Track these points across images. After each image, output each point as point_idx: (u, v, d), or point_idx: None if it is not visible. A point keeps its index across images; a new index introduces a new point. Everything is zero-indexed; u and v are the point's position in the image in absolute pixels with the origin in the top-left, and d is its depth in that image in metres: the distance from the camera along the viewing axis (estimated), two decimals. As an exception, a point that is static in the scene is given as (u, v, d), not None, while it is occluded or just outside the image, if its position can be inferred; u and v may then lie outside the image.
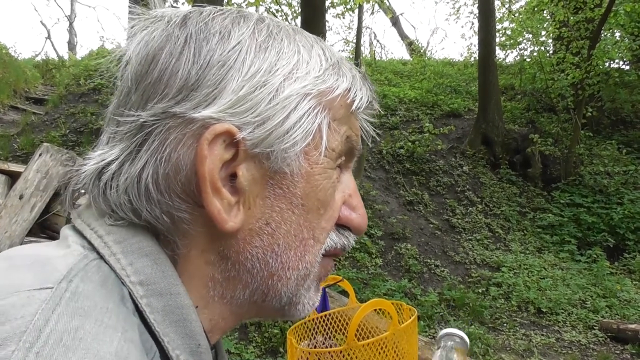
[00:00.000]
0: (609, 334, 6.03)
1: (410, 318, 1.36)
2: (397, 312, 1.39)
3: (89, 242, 0.48)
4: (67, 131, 8.57)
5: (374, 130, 0.61)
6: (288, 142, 0.49)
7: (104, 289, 0.43)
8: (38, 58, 14.50)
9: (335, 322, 1.58)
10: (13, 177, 3.40)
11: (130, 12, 0.54)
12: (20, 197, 3.17)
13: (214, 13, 0.53)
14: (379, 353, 1.22)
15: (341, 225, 0.58)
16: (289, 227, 0.52)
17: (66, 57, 15.46)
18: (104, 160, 0.50)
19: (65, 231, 0.51)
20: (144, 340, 0.43)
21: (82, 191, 0.52)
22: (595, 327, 6.21)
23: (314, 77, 0.51)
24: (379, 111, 0.61)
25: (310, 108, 0.51)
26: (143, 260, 0.47)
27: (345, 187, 0.58)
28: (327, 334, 1.55)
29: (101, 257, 0.47)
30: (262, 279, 0.52)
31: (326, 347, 1.40)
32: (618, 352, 5.75)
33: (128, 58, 0.52)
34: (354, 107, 0.54)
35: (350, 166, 0.60)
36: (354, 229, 0.59)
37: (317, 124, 0.51)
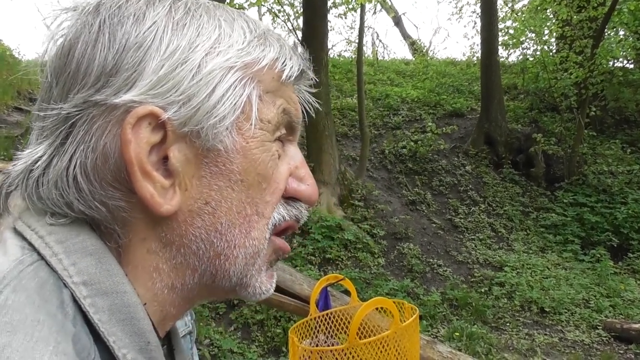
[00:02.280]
0: (613, 334, 6.01)
1: (412, 317, 1.36)
2: (399, 310, 1.39)
3: (30, 244, 0.47)
4: (70, 131, 8.60)
5: (316, 101, 0.60)
6: (216, 116, 0.48)
7: (38, 297, 0.42)
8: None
9: (337, 321, 1.57)
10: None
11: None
12: (23, 197, 3.18)
13: None
14: (381, 352, 1.22)
15: (290, 198, 0.57)
16: (230, 204, 0.51)
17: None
18: (32, 158, 0.48)
19: (4, 234, 0.49)
20: (79, 350, 0.41)
21: (12, 191, 0.51)
22: (598, 327, 6.19)
23: (237, 50, 0.50)
24: (315, 80, 0.60)
25: (236, 80, 0.50)
26: (87, 259, 0.46)
27: (290, 159, 0.57)
28: (329, 332, 1.55)
29: (42, 258, 0.46)
30: (209, 259, 0.51)
31: (328, 346, 1.40)
32: (622, 351, 5.73)
33: (45, 53, 0.51)
34: (283, 76, 0.53)
35: (293, 139, 0.59)
36: (305, 199, 0.58)
37: (246, 95, 0.50)
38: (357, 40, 11.12)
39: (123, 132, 0.45)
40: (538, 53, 12.43)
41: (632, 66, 13.19)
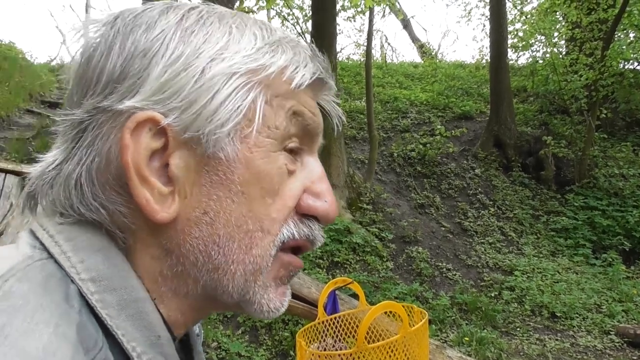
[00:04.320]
0: (626, 339, 5.92)
1: (421, 321, 1.34)
2: (408, 314, 1.37)
3: (41, 243, 0.48)
4: (80, 135, 8.69)
5: (343, 113, 0.58)
6: (216, 122, 0.48)
7: (42, 288, 0.43)
8: (53, 63, 14.74)
9: (345, 324, 1.56)
10: (26, 178, 3.44)
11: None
12: (33, 198, 3.20)
13: (146, 8, 0.52)
14: (389, 356, 1.21)
15: (305, 215, 0.54)
16: (229, 216, 0.49)
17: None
18: (47, 161, 0.50)
19: (21, 233, 0.51)
20: (83, 338, 0.41)
21: (32, 192, 0.52)
22: (611, 332, 6.11)
23: (243, 56, 0.49)
24: (337, 90, 0.59)
25: (239, 86, 0.49)
26: (95, 256, 0.47)
27: (307, 172, 0.55)
28: (337, 336, 1.54)
29: (51, 256, 0.46)
30: (207, 272, 0.50)
31: (336, 350, 1.39)
32: (635, 357, 5.65)
33: (69, 65, 0.53)
34: (294, 84, 0.51)
35: (311, 149, 0.56)
36: (320, 217, 0.55)
37: (250, 100, 0.49)
38: (365, 43, 11.13)
39: (122, 137, 0.46)
40: (548, 55, 12.38)
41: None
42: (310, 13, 9.52)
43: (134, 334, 0.46)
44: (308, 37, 10.18)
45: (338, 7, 10.47)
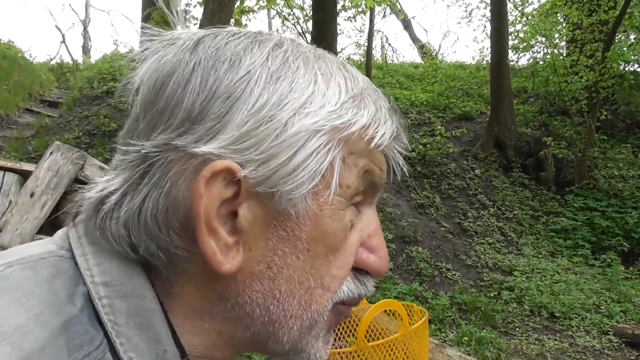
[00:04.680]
0: (624, 340, 5.93)
1: (421, 320, 1.35)
2: (408, 313, 1.38)
3: (69, 244, 0.48)
4: (81, 133, 8.68)
5: (402, 163, 0.56)
6: (293, 183, 0.45)
7: (44, 280, 0.43)
8: (53, 62, 14.75)
9: (345, 323, 1.57)
10: (25, 176, 3.45)
11: (142, 32, 0.53)
12: (31, 195, 3.20)
13: (229, 37, 0.49)
14: (389, 354, 1.22)
15: (358, 269, 0.53)
16: (292, 272, 0.48)
17: (80, 61, 15.70)
18: (106, 188, 0.48)
19: (59, 231, 0.51)
20: (73, 334, 0.41)
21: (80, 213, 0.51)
22: (609, 332, 6.12)
23: (328, 112, 0.47)
24: (407, 145, 0.56)
25: (320, 145, 0.46)
26: (113, 261, 0.46)
27: (364, 226, 0.53)
28: (336, 334, 1.55)
29: (73, 257, 0.46)
30: (262, 324, 0.49)
31: (336, 348, 1.40)
32: (633, 357, 5.66)
33: (139, 83, 0.50)
34: (373, 144, 0.49)
35: (372, 201, 0.55)
36: (373, 272, 0.54)
37: (328, 162, 0.47)
38: (366, 44, 11.13)
39: (196, 185, 0.44)
40: (548, 57, 12.37)
41: (643, 70, 13.07)
42: (311, 13, 9.52)
43: (140, 344, 0.44)
44: (309, 37, 10.18)
45: (339, 7, 10.47)
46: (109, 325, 0.43)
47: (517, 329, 6.20)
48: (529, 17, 13.54)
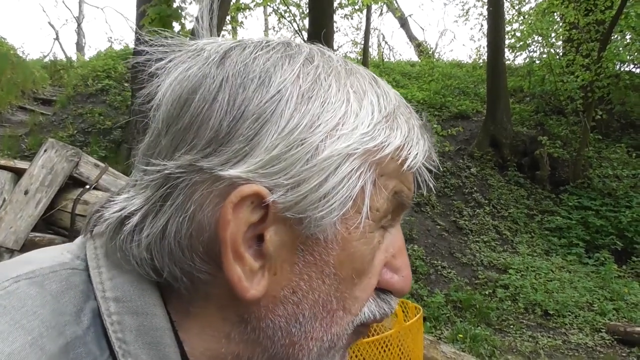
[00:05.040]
0: (616, 337, 5.99)
1: (415, 316, 1.36)
2: (403, 310, 1.40)
3: (85, 254, 0.47)
4: (75, 131, 8.66)
5: (429, 178, 0.54)
6: (324, 209, 0.43)
7: (51, 297, 0.42)
8: (46, 59, 14.55)
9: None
10: (19, 174, 3.43)
11: (136, 39, 0.50)
12: (26, 193, 3.19)
13: (257, 51, 0.47)
14: (384, 350, 1.23)
15: (381, 289, 0.51)
16: (317, 297, 0.46)
17: (74, 58, 15.57)
18: (125, 208, 0.46)
19: (78, 239, 0.51)
20: (75, 356, 0.40)
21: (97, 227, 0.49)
22: (602, 330, 6.17)
23: (360, 134, 0.45)
24: (437, 163, 0.55)
25: (352, 170, 0.44)
26: (125, 276, 0.45)
27: (389, 246, 0.51)
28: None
29: (87, 269, 0.45)
30: (282, 346, 0.47)
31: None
32: (625, 354, 5.71)
33: (161, 97, 0.48)
34: (405, 166, 0.48)
35: (398, 221, 0.53)
36: (395, 292, 0.53)
37: (360, 187, 0.45)
38: (363, 42, 11.12)
39: (224, 211, 0.42)
40: (545, 56, 12.41)
41: (638, 70, 13.14)
42: (307, 10, 9.51)
43: None
44: (305, 34, 10.17)
45: (335, 4, 10.47)
46: (116, 344, 0.42)
47: (512, 326, 6.24)
48: (526, 16, 13.57)
